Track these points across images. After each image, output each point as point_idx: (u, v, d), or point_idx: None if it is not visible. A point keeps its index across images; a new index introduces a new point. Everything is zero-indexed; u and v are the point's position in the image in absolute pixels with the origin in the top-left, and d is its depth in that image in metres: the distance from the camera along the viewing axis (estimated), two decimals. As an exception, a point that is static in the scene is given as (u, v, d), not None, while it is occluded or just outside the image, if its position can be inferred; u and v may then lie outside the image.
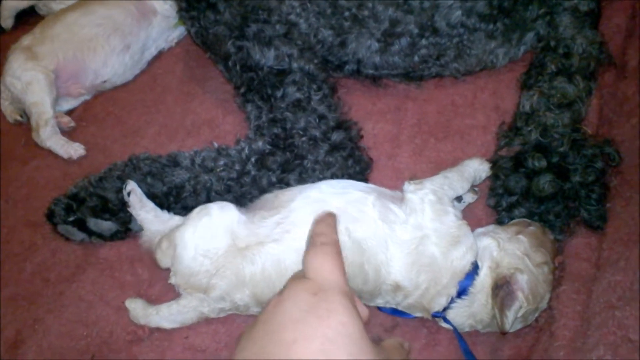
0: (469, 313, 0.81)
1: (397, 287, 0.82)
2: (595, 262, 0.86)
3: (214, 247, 0.85)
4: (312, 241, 0.64)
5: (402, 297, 0.83)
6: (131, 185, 0.95)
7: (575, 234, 0.91)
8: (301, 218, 0.83)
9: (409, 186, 0.87)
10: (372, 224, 0.82)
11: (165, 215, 0.95)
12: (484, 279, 0.81)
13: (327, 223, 0.66)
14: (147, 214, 0.95)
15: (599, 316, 0.75)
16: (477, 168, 0.95)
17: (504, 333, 0.82)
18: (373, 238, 0.81)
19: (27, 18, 1.47)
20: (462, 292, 0.80)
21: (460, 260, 0.81)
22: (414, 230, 0.82)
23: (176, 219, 0.94)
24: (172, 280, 0.89)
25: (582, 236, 0.91)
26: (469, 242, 0.82)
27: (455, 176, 0.91)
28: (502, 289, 0.79)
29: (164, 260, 0.90)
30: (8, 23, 1.47)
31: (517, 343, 0.85)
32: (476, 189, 0.98)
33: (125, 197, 0.95)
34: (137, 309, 0.90)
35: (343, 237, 0.79)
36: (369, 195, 0.85)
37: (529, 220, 0.89)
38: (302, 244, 0.70)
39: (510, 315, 0.78)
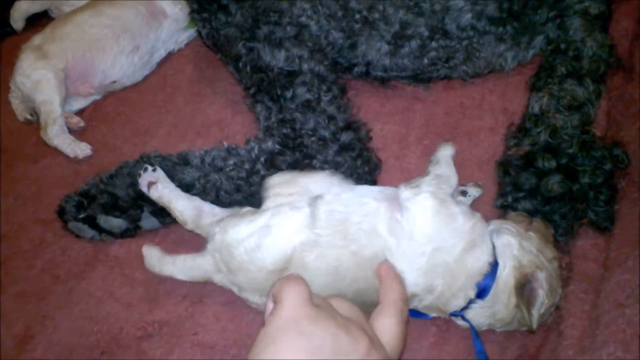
0: (490, 313, 0.80)
1: (412, 296, 0.80)
2: (602, 263, 0.87)
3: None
4: (387, 301, 0.71)
5: (417, 301, 0.81)
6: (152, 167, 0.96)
7: (578, 237, 0.91)
8: (329, 240, 0.81)
9: (404, 191, 0.82)
10: (382, 241, 0.79)
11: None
12: (507, 278, 0.79)
13: (395, 284, 0.74)
14: (173, 186, 0.95)
15: (608, 315, 0.75)
16: (448, 151, 0.92)
17: (532, 332, 0.81)
18: (382, 255, 0.79)
19: (39, 19, 1.48)
20: (482, 293, 0.79)
21: (475, 262, 0.78)
22: (421, 246, 0.78)
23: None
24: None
25: (590, 237, 0.91)
26: (484, 242, 0.80)
27: (445, 170, 0.87)
28: (525, 287, 0.79)
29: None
30: (19, 25, 1.48)
31: (525, 342, 0.85)
32: (479, 182, 0.97)
33: (148, 174, 0.95)
34: (152, 256, 0.91)
35: (354, 259, 0.80)
36: (381, 205, 0.82)
37: (525, 214, 0.89)
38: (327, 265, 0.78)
39: (535, 313, 0.78)
